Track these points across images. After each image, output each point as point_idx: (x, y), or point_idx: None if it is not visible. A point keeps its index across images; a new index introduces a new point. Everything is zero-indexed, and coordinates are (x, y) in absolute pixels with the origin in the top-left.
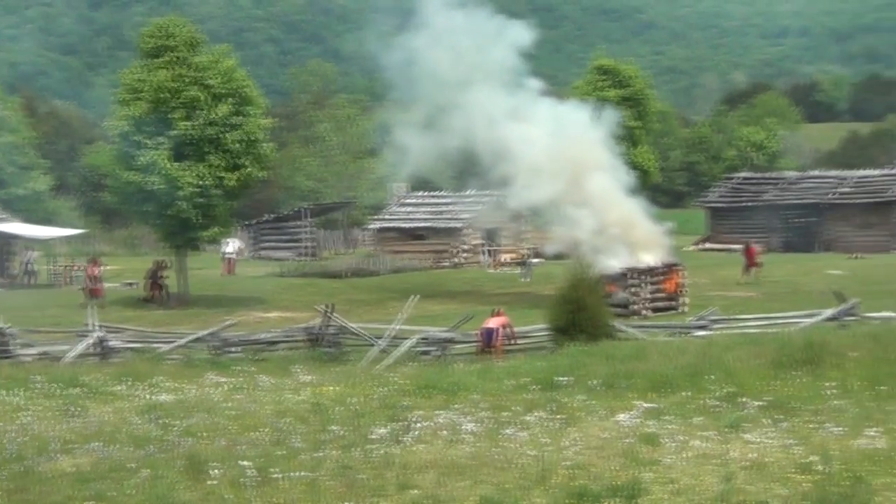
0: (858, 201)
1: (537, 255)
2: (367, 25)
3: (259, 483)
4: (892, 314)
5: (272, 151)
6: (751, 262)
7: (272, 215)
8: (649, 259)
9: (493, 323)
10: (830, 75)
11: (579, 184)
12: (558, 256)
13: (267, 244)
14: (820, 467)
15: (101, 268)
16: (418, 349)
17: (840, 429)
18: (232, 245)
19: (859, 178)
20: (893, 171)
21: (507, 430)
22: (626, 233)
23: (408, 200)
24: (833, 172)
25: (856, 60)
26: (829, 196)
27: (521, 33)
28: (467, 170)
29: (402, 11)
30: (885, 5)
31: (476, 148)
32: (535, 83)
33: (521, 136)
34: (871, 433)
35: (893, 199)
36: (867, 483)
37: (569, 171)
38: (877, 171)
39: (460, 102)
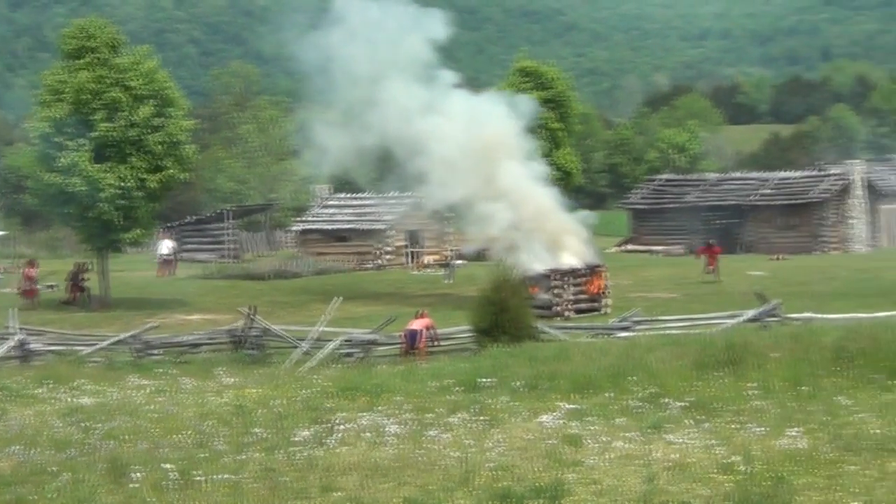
0: (780, 203)
1: (460, 257)
2: (286, 24)
3: (181, 486)
4: (814, 315)
5: (194, 153)
6: (712, 260)
7: (194, 217)
8: (570, 253)
9: (416, 325)
10: (751, 77)
11: (493, 177)
12: (480, 258)
13: (189, 246)
14: (742, 467)
15: (38, 269)
16: (341, 351)
17: (761, 429)
18: (166, 246)
19: (780, 179)
20: (814, 173)
21: (431, 432)
22: (542, 226)
23: (331, 202)
24: (754, 174)
25: (777, 62)
26: (751, 198)
27: (437, 25)
28: (386, 169)
29: (319, 8)
30: (806, 8)
31: (391, 145)
32: (450, 75)
33: (434, 130)
34: (793, 433)
35: (815, 200)
36: (789, 483)
37: (483, 164)
38: (798, 173)
39: (375, 98)
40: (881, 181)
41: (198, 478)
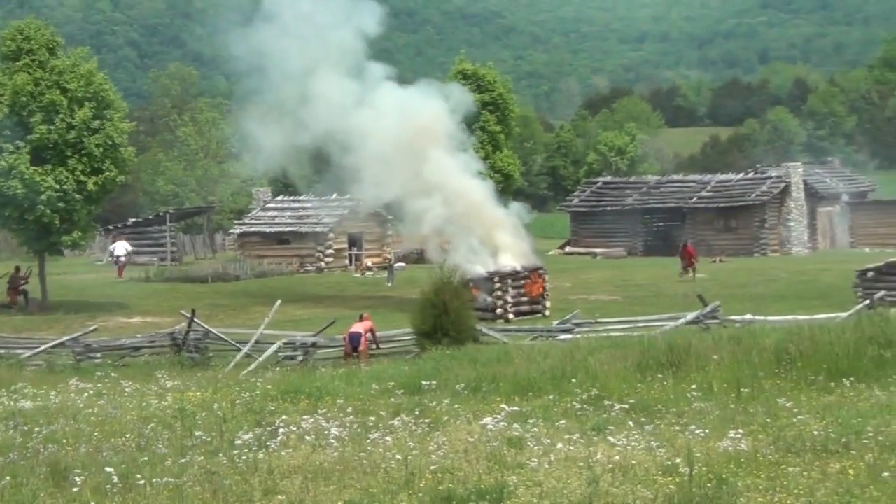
0: (719, 205)
1: (401, 260)
2: (222, 24)
3: (123, 490)
4: (754, 317)
5: (133, 155)
6: (689, 261)
7: (134, 220)
8: (506, 249)
9: (358, 328)
10: (690, 80)
11: (424, 171)
12: (421, 260)
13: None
14: (684, 469)
15: None
16: (283, 354)
17: (703, 431)
18: (120, 247)
19: (719, 182)
20: (753, 176)
21: (373, 435)
22: (476, 221)
23: (271, 205)
24: (694, 177)
25: (715, 65)
26: (691, 200)
27: (369, 18)
28: (323, 168)
29: (252, 5)
30: (744, 11)
31: (324, 142)
32: (380, 68)
33: (364, 125)
34: (734, 435)
35: (754, 203)
36: (731, 485)
37: (413, 157)
38: (737, 176)
39: (307, 94)
40: (820, 184)
41: (139, 481)
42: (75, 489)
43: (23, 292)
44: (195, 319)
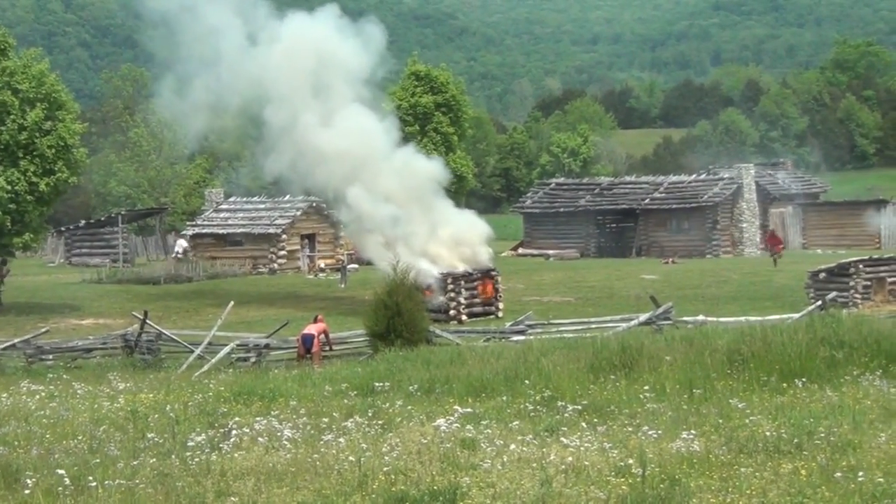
0: (672, 207)
1: (354, 261)
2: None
3: (75, 492)
4: (706, 318)
5: (85, 157)
6: (776, 248)
7: (86, 221)
8: (453, 250)
9: (311, 329)
10: (643, 82)
11: (370, 172)
12: (370, 262)
13: (81, 250)
14: (636, 470)
15: None
16: (236, 356)
17: (656, 432)
18: (180, 244)
19: (672, 183)
20: (706, 177)
21: (327, 436)
22: (426, 217)
23: (224, 206)
24: (647, 178)
25: (668, 67)
26: (643, 201)
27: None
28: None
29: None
30: (696, 13)
31: (277, 143)
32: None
33: (311, 127)
34: (687, 436)
35: (706, 204)
36: (683, 485)
37: (357, 163)
38: (690, 177)
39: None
40: (772, 185)
41: (91, 483)
42: (27, 491)
43: None
44: (147, 321)
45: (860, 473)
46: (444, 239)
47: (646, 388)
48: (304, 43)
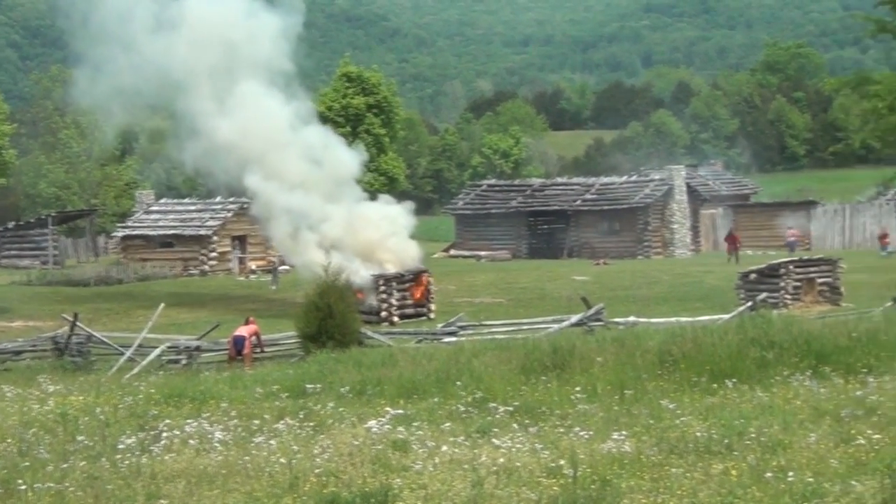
0: (603, 208)
1: (285, 263)
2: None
3: (4, 495)
4: (637, 319)
5: (14, 158)
6: (734, 246)
7: (15, 223)
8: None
9: (242, 331)
10: (574, 83)
11: (274, 163)
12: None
13: (10, 252)
14: (568, 471)
15: None
16: (166, 358)
17: (587, 433)
18: None
19: (603, 185)
20: (637, 178)
21: (258, 439)
22: (341, 207)
23: (154, 208)
24: (578, 179)
25: (599, 68)
26: (575, 203)
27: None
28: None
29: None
30: (627, 14)
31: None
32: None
33: (214, 120)
34: (618, 437)
35: (637, 205)
36: (614, 486)
37: (258, 149)
38: (621, 179)
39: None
40: (702, 186)
41: (21, 487)
42: None
43: None
44: (78, 323)
45: (790, 473)
46: (363, 230)
47: (577, 389)
48: (207, 26)
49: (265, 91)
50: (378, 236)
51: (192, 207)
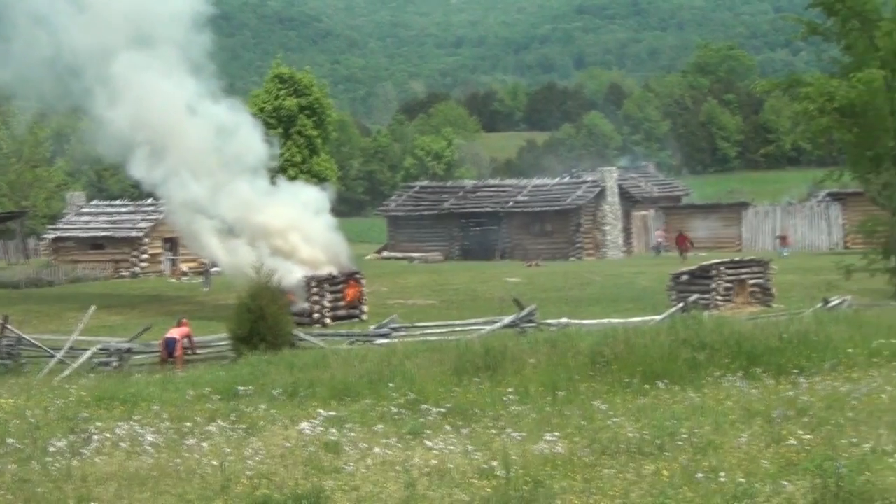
0: (535, 209)
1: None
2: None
3: None
4: (569, 320)
5: None
6: (684, 246)
7: None
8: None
9: (174, 333)
10: (506, 85)
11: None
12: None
13: None
14: (500, 472)
15: None
16: (97, 360)
17: (519, 434)
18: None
19: (536, 186)
20: (569, 180)
21: (189, 441)
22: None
23: (85, 209)
24: (510, 181)
25: (531, 70)
26: (507, 204)
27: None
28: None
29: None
30: (559, 16)
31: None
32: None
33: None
34: (550, 438)
35: (570, 207)
36: (547, 487)
37: (148, 133)
38: (553, 180)
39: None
40: (634, 188)
41: None
42: None
43: None
44: (8, 326)
45: (721, 474)
46: (276, 218)
47: (509, 390)
48: (102, 6)
49: (160, 72)
50: (283, 222)
51: (124, 209)
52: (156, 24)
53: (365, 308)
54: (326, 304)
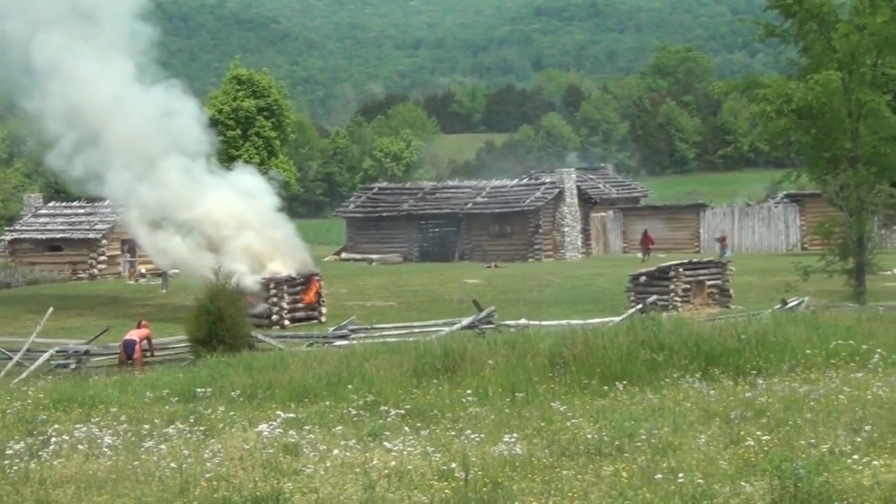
0: (494, 211)
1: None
2: None
3: None
4: (528, 322)
5: None
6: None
7: None
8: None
9: (133, 335)
10: (465, 86)
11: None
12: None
13: None
14: (459, 474)
15: None
16: (55, 362)
17: (478, 435)
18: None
19: (494, 188)
20: (528, 182)
21: (147, 443)
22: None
23: (43, 211)
24: (469, 183)
25: (490, 72)
26: (466, 206)
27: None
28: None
29: None
30: (518, 18)
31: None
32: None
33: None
34: (509, 439)
35: (528, 208)
36: (506, 488)
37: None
38: (512, 182)
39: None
40: (593, 189)
41: None
42: None
43: None
44: None
45: (680, 475)
46: (213, 207)
47: (468, 392)
48: None
49: (90, 56)
50: (224, 211)
51: (81, 211)
52: (91, 7)
53: (324, 310)
54: (285, 305)
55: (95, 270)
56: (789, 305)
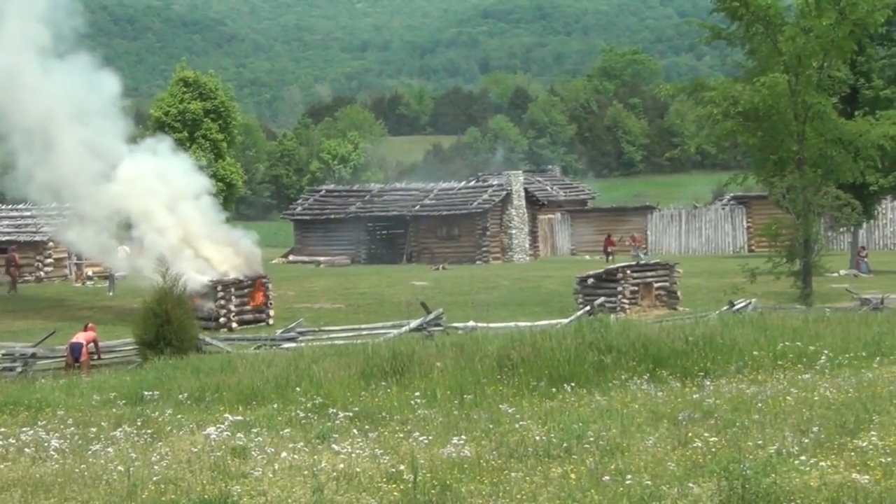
0: (442, 213)
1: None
2: None
3: None
4: (476, 324)
5: None
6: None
7: None
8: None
9: (80, 338)
10: (412, 89)
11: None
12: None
13: None
14: (408, 476)
15: None
16: (1, 366)
17: (427, 438)
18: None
19: (442, 190)
20: (475, 184)
21: (95, 446)
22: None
23: None
24: (417, 185)
25: (437, 74)
26: (414, 208)
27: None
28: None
29: None
30: (465, 20)
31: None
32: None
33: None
34: (458, 441)
35: (476, 210)
36: (455, 490)
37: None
38: (459, 184)
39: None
40: (540, 191)
41: None
42: None
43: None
44: None
45: (628, 476)
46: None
47: (417, 394)
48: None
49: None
50: (136, 191)
51: (27, 213)
52: None
53: (271, 312)
54: (233, 307)
55: (42, 273)
56: (736, 307)
